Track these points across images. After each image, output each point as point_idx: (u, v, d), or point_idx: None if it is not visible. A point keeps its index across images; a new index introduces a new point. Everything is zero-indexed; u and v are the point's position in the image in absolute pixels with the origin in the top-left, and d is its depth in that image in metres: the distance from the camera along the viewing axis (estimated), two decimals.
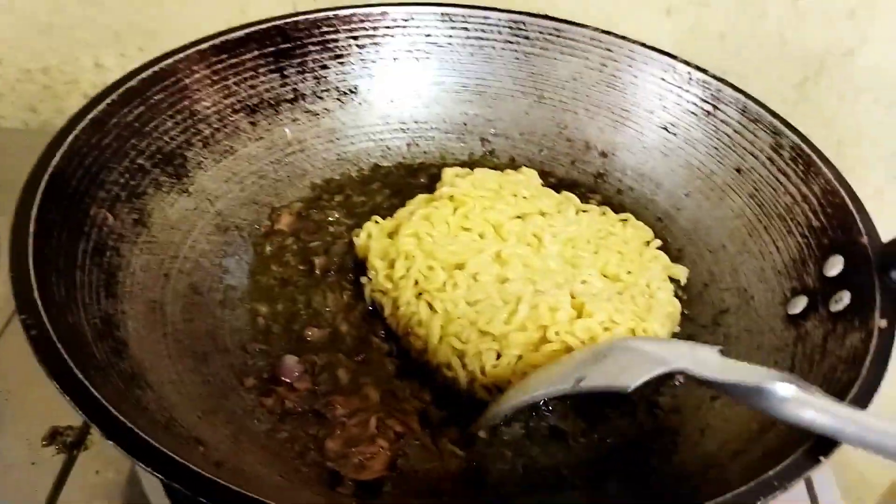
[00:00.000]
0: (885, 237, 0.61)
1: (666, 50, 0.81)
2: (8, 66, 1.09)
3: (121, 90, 0.67)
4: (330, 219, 0.77)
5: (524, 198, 0.75)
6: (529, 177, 0.79)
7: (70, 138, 0.61)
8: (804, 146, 0.70)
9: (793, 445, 0.48)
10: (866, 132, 0.95)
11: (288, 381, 0.62)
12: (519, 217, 0.73)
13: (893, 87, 0.92)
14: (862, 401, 0.50)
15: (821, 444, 0.47)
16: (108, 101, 0.66)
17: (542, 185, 0.79)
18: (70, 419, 0.67)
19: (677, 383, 0.65)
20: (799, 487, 0.66)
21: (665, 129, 0.80)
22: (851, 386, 0.51)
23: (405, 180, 0.83)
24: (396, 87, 0.85)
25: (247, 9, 0.98)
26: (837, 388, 0.52)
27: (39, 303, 0.49)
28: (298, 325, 0.68)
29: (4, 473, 0.64)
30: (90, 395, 0.45)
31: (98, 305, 0.56)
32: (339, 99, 0.83)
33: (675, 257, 0.75)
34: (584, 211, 0.77)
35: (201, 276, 0.68)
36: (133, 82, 0.68)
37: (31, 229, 0.54)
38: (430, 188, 0.79)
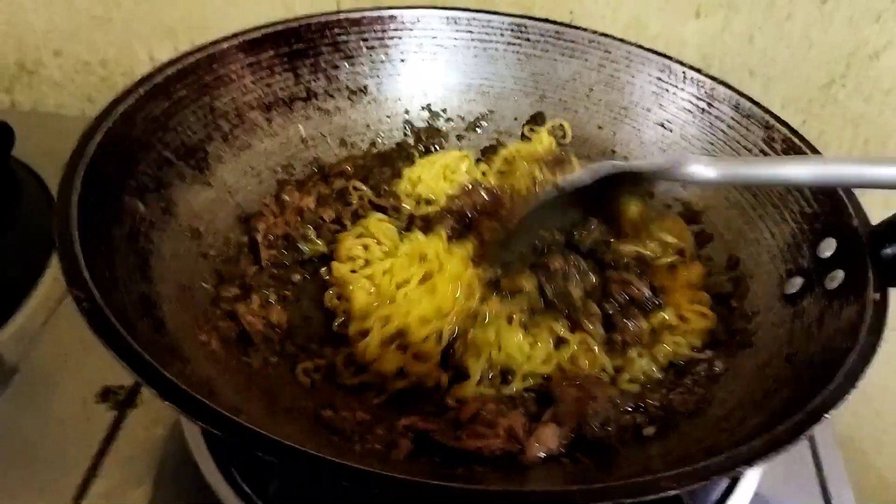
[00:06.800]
0: None
1: (691, 52, 0.82)
2: (67, 57, 1.14)
3: (148, 86, 0.70)
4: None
5: None
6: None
7: (103, 130, 0.64)
8: (795, 139, 0.74)
9: (799, 405, 0.52)
10: (892, 133, 0.96)
11: None
12: None
13: None
14: (859, 365, 0.54)
15: (825, 404, 0.51)
16: (136, 95, 0.69)
17: None
18: (121, 379, 0.71)
19: None
20: (813, 490, 0.71)
21: (662, 125, 0.84)
22: (849, 353, 0.55)
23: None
24: (404, 86, 0.88)
25: (292, 5, 1.02)
26: (836, 356, 0.56)
27: (88, 279, 0.52)
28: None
29: (61, 427, 0.68)
30: (142, 359, 0.48)
31: (136, 286, 0.59)
32: (349, 98, 0.86)
33: None
34: None
35: (225, 264, 0.71)
36: (159, 78, 0.71)
37: (75, 214, 0.56)
38: None
